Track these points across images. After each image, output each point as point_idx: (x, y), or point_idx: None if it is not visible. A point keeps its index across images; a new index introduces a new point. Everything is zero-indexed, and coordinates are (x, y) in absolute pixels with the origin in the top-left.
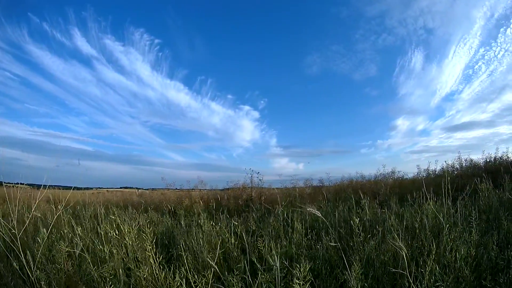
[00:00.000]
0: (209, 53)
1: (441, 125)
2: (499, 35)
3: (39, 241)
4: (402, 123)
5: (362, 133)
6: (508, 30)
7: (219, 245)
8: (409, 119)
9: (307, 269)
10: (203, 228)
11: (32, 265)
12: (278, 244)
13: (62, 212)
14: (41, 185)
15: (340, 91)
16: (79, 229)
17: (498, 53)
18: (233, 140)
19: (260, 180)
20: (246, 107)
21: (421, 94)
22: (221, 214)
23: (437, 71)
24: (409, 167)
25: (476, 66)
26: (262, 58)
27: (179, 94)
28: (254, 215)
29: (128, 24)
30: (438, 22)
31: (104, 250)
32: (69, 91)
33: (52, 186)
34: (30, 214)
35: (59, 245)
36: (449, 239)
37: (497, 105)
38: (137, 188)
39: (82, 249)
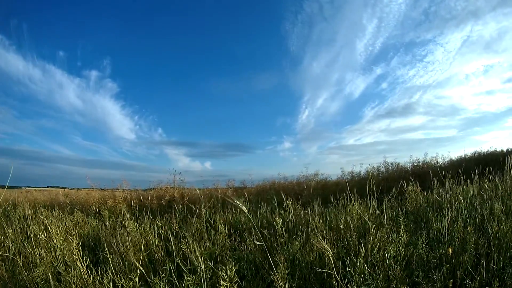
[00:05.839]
0: None
1: (363, 119)
2: None
3: None
4: (307, 113)
5: (262, 128)
6: None
7: (144, 247)
8: (313, 107)
9: (234, 270)
10: (127, 230)
11: None
12: (202, 246)
13: None
14: None
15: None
16: (9, 231)
17: None
18: (110, 130)
19: (182, 180)
20: (93, 73)
21: (326, 63)
22: (145, 215)
23: (349, 20)
24: (330, 168)
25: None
26: None
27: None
28: (177, 215)
29: None
30: None
31: (34, 253)
32: None
33: None
34: None
35: None
36: (376, 239)
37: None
38: (63, 188)
39: (14, 253)
